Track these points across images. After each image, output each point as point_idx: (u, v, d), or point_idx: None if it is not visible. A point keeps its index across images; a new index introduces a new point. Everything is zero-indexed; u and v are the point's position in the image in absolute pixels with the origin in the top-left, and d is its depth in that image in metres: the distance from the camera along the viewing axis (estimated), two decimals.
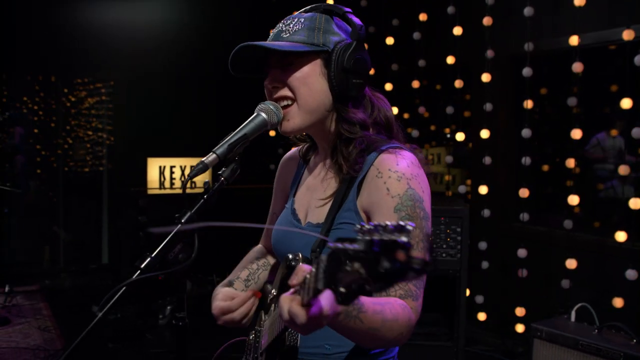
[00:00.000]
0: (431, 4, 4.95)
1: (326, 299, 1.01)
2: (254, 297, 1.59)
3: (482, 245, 4.47)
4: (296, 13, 1.48)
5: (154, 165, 6.26)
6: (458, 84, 4.55)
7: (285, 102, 1.44)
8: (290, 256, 1.34)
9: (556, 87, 5.40)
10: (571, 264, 3.88)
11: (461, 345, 3.99)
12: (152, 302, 5.27)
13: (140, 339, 4.84)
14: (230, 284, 1.69)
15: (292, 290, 1.07)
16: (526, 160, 4.07)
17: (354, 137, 1.42)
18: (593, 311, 3.24)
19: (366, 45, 1.46)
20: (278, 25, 1.47)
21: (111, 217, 6.99)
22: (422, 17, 4.94)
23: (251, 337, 1.64)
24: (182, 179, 6.42)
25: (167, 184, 6.31)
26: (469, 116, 5.05)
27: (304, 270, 1.03)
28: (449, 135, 5.84)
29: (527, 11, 4.03)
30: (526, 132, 4.04)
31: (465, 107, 5.08)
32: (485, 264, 4.51)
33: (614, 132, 5.95)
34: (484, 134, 4.37)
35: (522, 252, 4.19)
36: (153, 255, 1.28)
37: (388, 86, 5.35)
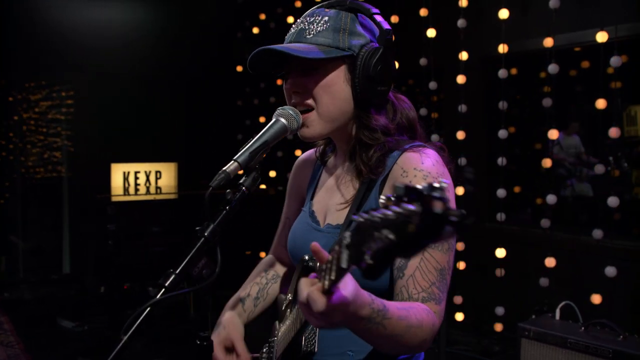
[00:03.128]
0: (403, 6, 4.95)
1: (347, 287, 0.98)
2: None
3: (459, 245, 4.49)
4: (318, 8, 1.41)
5: (118, 171, 6.09)
6: (432, 85, 4.56)
7: (304, 108, 1.38)
8: (307, 257, 1.30)
9: (524, 88, 5.50)
10: (546, 262, 3.93)
11: (443, 347, 4.00)
12: (122, 312, 5.13)
13: (112, 351, 4.68)
14: (241, 302, 1.64)
15: (312, 274, 1.02)
16: (503, 161, 4.10)
17: (374, 143, 1.38)
18: (577, 309, 3.28)
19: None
20: (298, 22, 1.40)
21: (73, 225, 6.75)
22: (394, 19, 4.93)
23: (264, 351, 1.58)
24: (147, 184, 6.26)
25: (131, 190, 6.15)
26: (440, 117, 5.08)
27: (327, 255, 0.99)
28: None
29: (502, 14, 4.06)
30: (502, 133, 4.07)
31: (436, 108, 5.11)
32: (461, 265, 4.54)
33: (571, 130, 6.11)
34: (460, 135, 4.39)
35: (497, 252, 4.23)
36: (177, 271, 1.19)
37: None
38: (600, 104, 3.62)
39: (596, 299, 3.63)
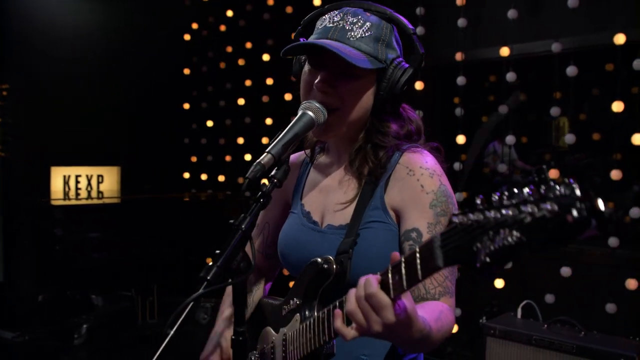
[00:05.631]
0: None
1: (411, 301, 1.03)
2: None
3: None
4: (358, 8, 1.42)
5: (58, 175, 5.84)
6: None
7: (326, 107, 1.39)
8: (320, 260, 1.31)
9: (471, 96, 5.66)
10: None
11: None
12: (64, 321, 4.92)
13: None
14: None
15: (374, 275, 1.04)
16: (460, 167, 4.21)
17: (386, 145, 1.42)
18: (537, 308, 3.40)
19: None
20: (336, 19, 1.40)
21: (7, 232, 6.38)
22: None
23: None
24: (89, 188, 6.04)
25: (72, 194, 5.91)
26: None
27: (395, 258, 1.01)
28: None
29: (460, 22, 4.18)
30: (460, 139, 4.19)
31: None
32: None
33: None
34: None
35: None
36: (219, 264, 1.16)
37: None
38: (555, 112, 3.78)
39: (549, 298, 3.78)
